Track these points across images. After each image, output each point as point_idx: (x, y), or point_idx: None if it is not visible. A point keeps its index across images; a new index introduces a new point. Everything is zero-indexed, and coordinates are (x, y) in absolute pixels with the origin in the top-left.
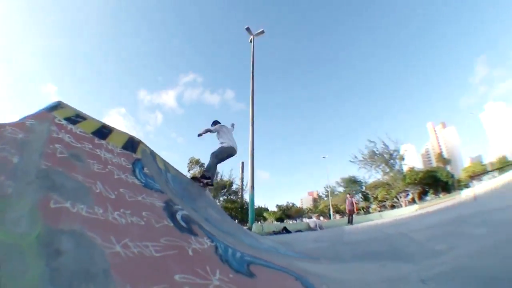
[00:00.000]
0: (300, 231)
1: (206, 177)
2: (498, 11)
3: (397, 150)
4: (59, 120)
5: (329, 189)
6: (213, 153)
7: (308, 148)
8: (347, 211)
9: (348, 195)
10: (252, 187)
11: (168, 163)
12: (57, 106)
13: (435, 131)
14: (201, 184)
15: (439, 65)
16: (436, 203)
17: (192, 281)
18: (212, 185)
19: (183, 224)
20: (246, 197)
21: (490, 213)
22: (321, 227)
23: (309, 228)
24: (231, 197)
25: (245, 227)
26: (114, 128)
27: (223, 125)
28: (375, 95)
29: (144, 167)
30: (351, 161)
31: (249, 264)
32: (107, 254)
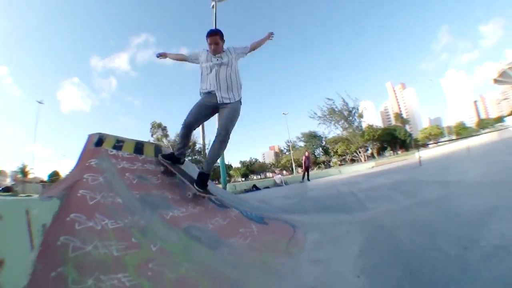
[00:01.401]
0: (268, 187)
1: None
2: None
3: (356, 108)
4: (111, 151)
5: (290, 144)
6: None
7: (268, 103)
8: (303, 168)
9: (306, 152)
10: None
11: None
12: (102, 138)
13: (394, 91)
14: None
15: (402, 27)
16: (393, 160)
17: (247, 230)
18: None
19: (218, 203)
20: None
21: (416, 184)
22: (286, 183)
23: (276, 184)
24: (196, 157)
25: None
26: (143, 141)
27: None
28: (335, 51)
29: None
30: (310, 117)
31: (262, 218)
32: (210, 229)
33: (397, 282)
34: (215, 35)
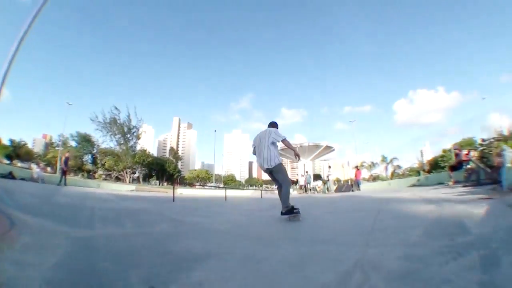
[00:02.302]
0: (24, 179)
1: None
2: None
3: (137, 128)
4: None
5: (62, 139)
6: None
7: (65, 86)
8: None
9: (67, 153)
10: None
11: None
12: None
13: (179, 127)
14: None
15: (212, 74)
16: (154, 189)
17: None
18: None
19: None
20: None
21: (154, 216)
22: (43, 180)
23: (32, 178)
24: None
25: None
26: None
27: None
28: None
29: None
30: (91, 120)
31: None
32: None
33: None
34: None
